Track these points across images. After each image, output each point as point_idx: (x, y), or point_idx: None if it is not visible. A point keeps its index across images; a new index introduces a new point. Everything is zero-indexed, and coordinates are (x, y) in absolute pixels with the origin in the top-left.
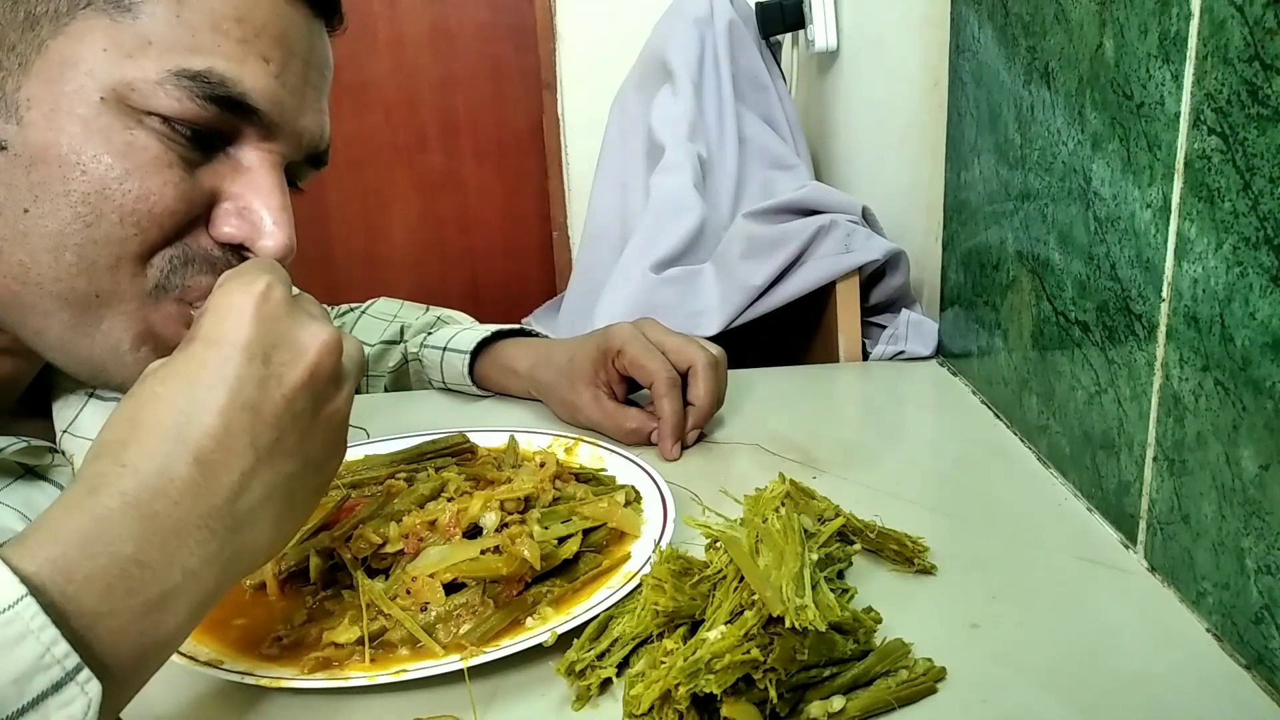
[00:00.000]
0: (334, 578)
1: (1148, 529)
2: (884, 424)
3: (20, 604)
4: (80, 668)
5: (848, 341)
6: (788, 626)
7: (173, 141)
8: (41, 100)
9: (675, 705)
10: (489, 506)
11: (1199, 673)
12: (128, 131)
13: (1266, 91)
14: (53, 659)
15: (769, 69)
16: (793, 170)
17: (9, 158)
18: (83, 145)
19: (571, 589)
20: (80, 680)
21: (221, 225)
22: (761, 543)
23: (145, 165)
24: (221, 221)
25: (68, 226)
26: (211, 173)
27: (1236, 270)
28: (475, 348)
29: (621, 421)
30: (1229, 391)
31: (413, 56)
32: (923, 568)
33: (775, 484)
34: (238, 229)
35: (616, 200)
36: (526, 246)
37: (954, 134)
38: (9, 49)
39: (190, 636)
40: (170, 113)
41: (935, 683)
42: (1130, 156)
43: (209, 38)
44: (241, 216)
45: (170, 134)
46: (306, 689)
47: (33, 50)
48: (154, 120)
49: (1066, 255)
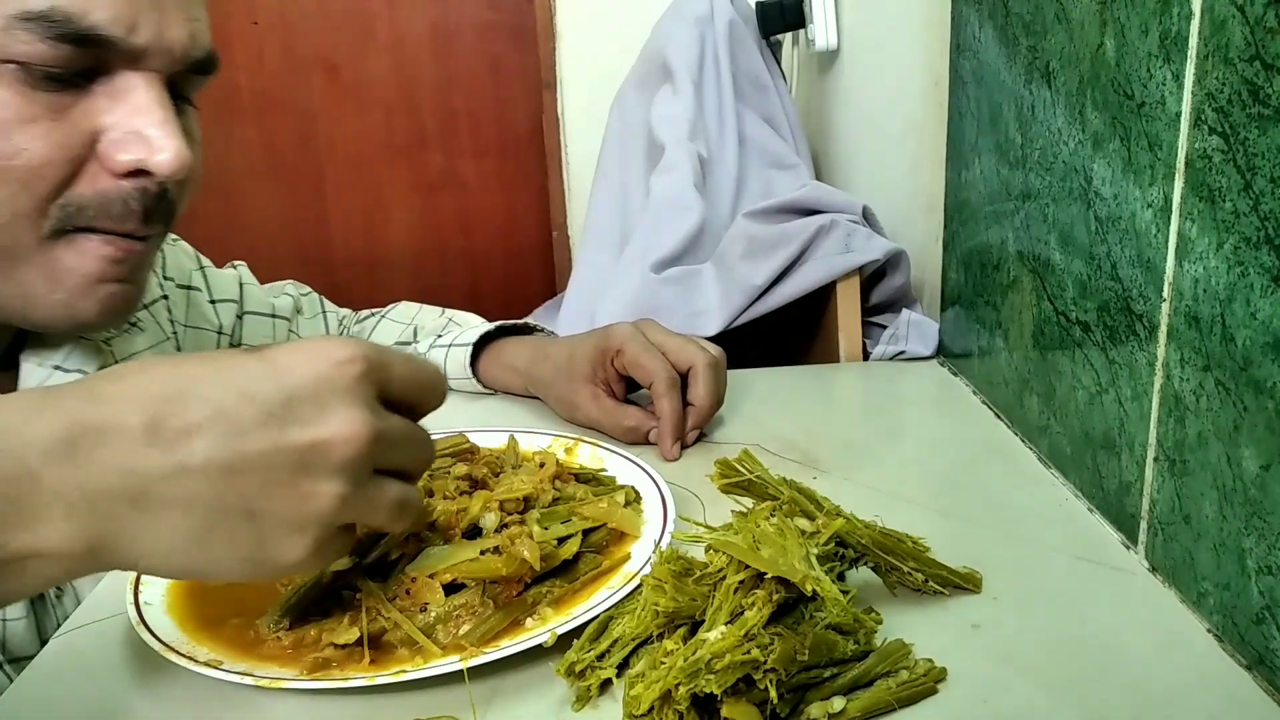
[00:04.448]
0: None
1: (1148, 529)
2: (884, 424)
3: None
4: None
5: (848, 341)
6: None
7: (34, 89)
8: None
9: (675, 706)
10: (489, 507)
11: (1200, 673)
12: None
13: (1267, 91)
14: None
15: (769, 69)
16: (793, 170)
17: None
18: None
19: (571, 589)
20: None
21: (114, 154)
22: (760, 542)
23: (10, 122)
24: (111, 151)
25: None
26: (87, 110)
27: (1237, 270)
28: (478, 343)
29: (620, 420)
30: (1230, 391)
31: (413, 56)
32: (970, 585)
33: (764, 505)
34: (128, 154)
35: (616, 200)
36: (526, 246)
37: (954, 134)
38: None
39: (189, 636)
40: (25, 58)
41: (936, 683)
42: (1131, 156)
43: None
44: (128, 142)
45: (30, 80)
46: (306, 689)
47: None
48: (11, 69)
49: (1067, 255)
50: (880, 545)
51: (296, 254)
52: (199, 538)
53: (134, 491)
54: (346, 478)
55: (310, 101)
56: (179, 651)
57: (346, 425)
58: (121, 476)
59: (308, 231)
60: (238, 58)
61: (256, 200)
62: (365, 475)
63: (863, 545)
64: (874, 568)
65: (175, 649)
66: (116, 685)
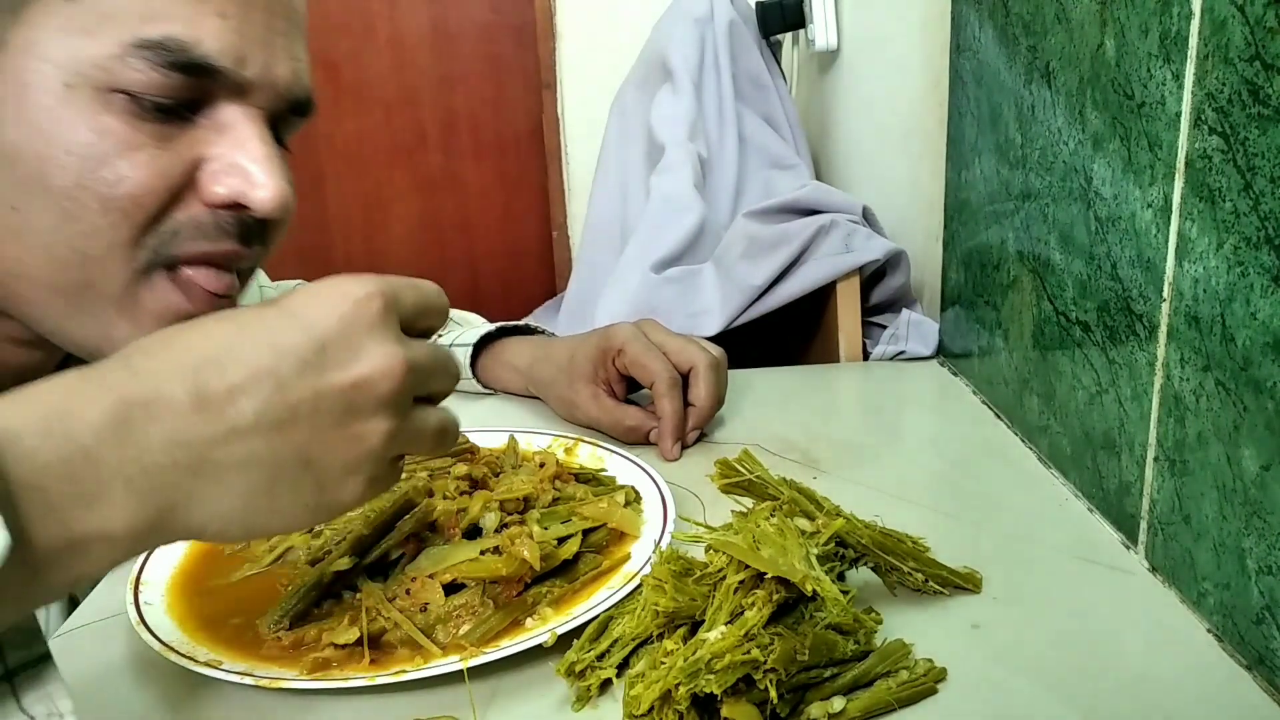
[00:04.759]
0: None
1: (1148, 529)
2: (884, 424)
3: None
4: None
5: (848, 341)
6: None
7: (141, 119)
8: (9, 97)
9: (675, 706)
10: (489, 507)
11: (1200, 673)
12: (95, 118)
13: (1267, 91)
14: None
15: (769, 69)
16: (793, 170)
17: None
18: (53, 138)
19: (571, 589)
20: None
21: (211, 186)
22: (760, 542)
23: (115, 150)
24: (209, 183)
25: (55, 222)
26: (191, 140)
27: (1237, 270)
28: (478, 343)
29: (620, 419)
30: (1230, 391)
31: (413, 56)
32: (970, 585)
33: (764, 505)
34: (227, 187)
35: (616, 200)
36: (526, 246)
37: (954, 134)
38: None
39: (189, 636)
40: (135, 87)
41: (935, 683)
42: (1131, 156)
43: (162, 4)
44: (229, 174)
45: (139, 111)
46: (306, 689)
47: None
48: (120, 99)
49: (1067, 255)
50: (880, 545)
51: (296, 254)
52: (263, 493)
53: (192, 461)
54: (391, 411)
55: None
56: (179, 651)
57: (382, 360)
58: (177, 448)
59: (307, 231)
60: None
61: None
62: (407, 405)
63: (863, 545)
64: (874, 568)
65: (175, 649)
66: (116, 685)
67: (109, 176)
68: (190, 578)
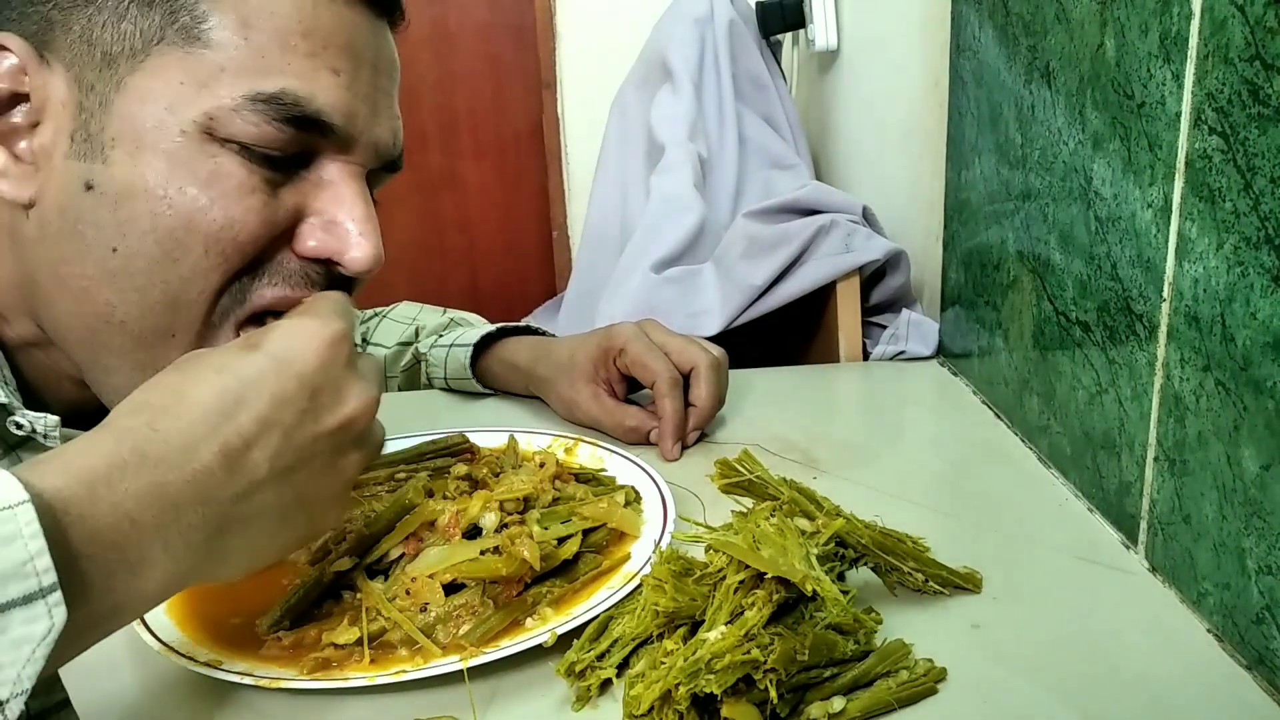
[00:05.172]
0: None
1: (1148, 529)
2: (884, 424)
3: (20, 508)
4: (55, 588)
5: (848, 341)
6: (807, 593)
7: (254, 166)
8: (125, 138)
9: (675, 706)
10: (489, 507)
11: (1200, 673)
12: (211, 160)
13: (1267, 91)
14: (33, 570)
15: (769, 69)
16: (793, 170)
17: (96, 197)
18: (168, 179)
19: (571, 589)
20: (50, 602)
21: (307, 240)
22: (760, 542)
23: (230, 193)
24: (307, 236)
25: (155, 264)
26: (294, 190)
27: (1237, 270)
28: (479, 343)
29: (621, 419)
30: (1230, 391)
31: (413, 56)
32: (970, 585)
33: (764, 505)
34: (323, 243)
35: (616, 200)
36: (526, 246)
37: (954, 134)
38: (88, 89)
39: (189, 636)
40: (249, 139)
41: (935, 683)
42: (1131, 156)
43: (278, 57)
44: (327, 230)
45: (249, 160)
46: (306, 689)
47: (112, 89)
48: (233, 148)
49: (1067, 255)
50: (880, 545)
51: None
52: (271, 536)
53: (219, 519)
54: (364, 440)
55: None
56: (179, 651)
57: (361, 397)
58: (206, 508)
59: None
60: None
61: None
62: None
63: (863, 545)
64: (874, 568)
65: (175, 649)
66: (116, 685)
67: (219, 218)
68: None
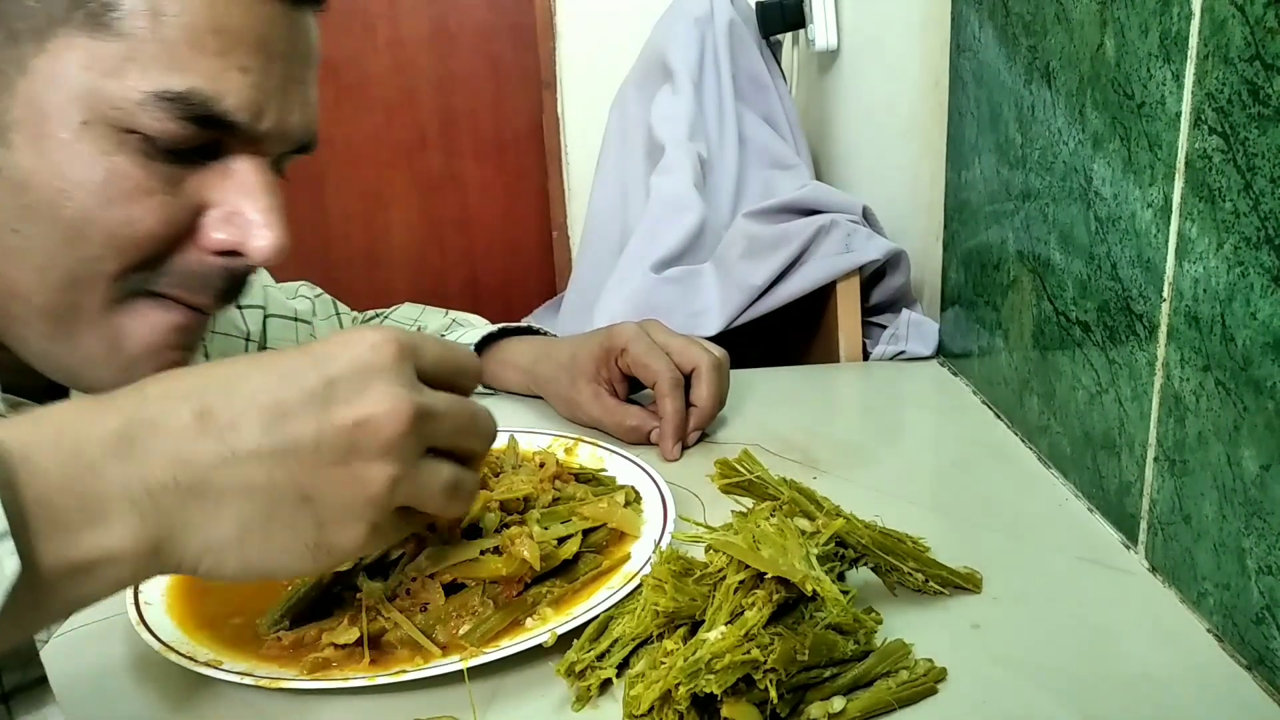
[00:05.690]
0: None
1: (1148, 529)
2: (884, 424)
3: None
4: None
5: (848, 341)
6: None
7: (155, 160)
8: (26, 123)
9: (675, 705)
10: (489, 507)
11: (1200, 673)
12: (108, 158)
13: (1267, 91)
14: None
15: (769, 68)
16: (793, 170)
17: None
18: (67, 172)
19: (571, 589)
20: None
21: (211, 233)
22: (760, 542)
23: (128, 192)
24: (210, 229)
25: (54, 248)
26: (198, 182)
27: (1237, 270)
28: (480, 344)
29: (622, 419)
30: (1230, 391)
31: (413, 56)
32: (970, 585)
33: (764, 505)
34: (227, 235)
35: (616, 200)
36: (526, 246)
37: (954, 134)
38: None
39: (189, 636)
40: (153, 133)
41: (936, 683)
42: (1131, 156)
43: (188, 54)
44: (230, 222)
45: (151, 152)
46: (306, 689)
47: (15, 69)
48: (135, 138)
49: (1067, 255)
50: (880, 545)
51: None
52: (260, 525)
53: (193, 481)
54: (396, 456)
55: None
56: (179, 651)
57: (389, 400)
58: (179, 467)
59: (307, 231)
60: None
61: None
62: (415, 453)
63: (863, 545)
64: (874, 568)
65: (175, 649)
66: (116, 685)
67: (119, 217)
68: (190, 578)
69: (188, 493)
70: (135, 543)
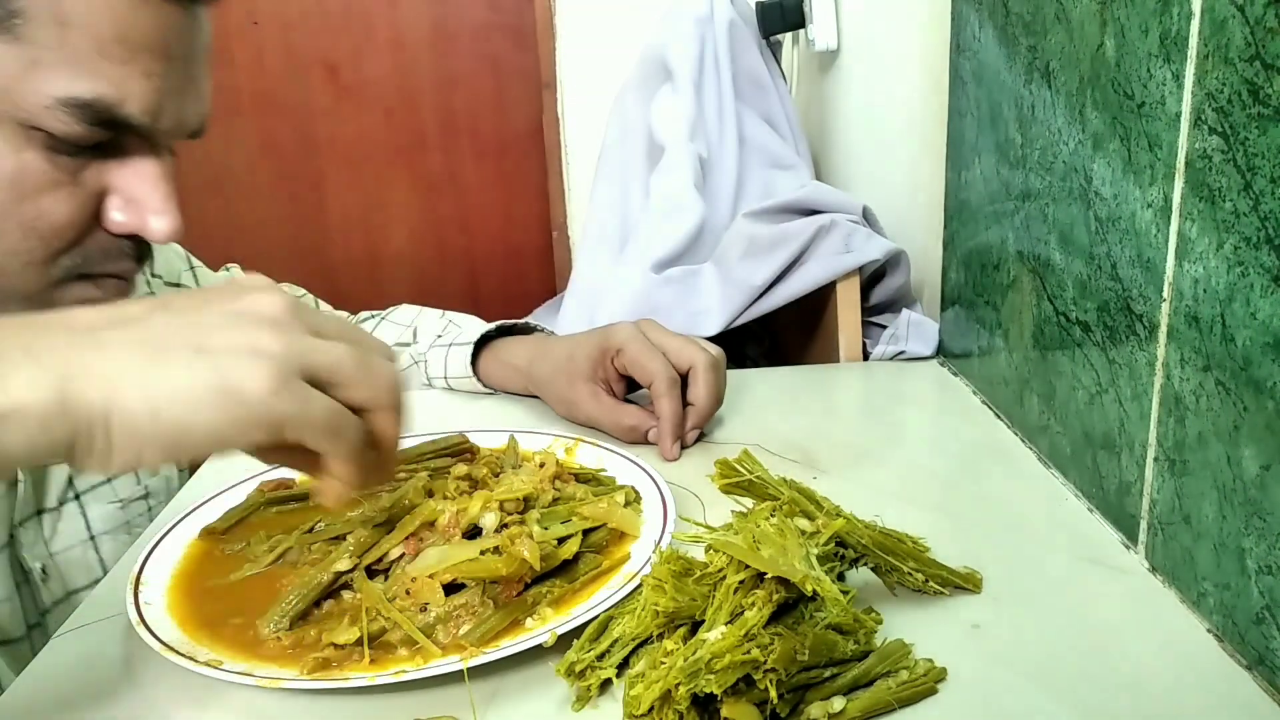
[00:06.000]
0: None
1: (1148, 529)
2: (884, 424)
3: None
4: None
5: (848, 341)
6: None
7: (59, 154)
8: None
9: (675, 705)
10: (488, 507)
11: (1199, 673)
12: (17, 155)
13: (1267, 91)
14: None
15: (769, 69)
16: (793, 170)
17: None
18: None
19: (571, 589)
20: None
21: (112, 214)
22: (760, 542)
23: (38, 188)
24: (112, 211)
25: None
26: (99, 171)
27: (1237, 270)
28: (478, 343)
29: (620, 418)
30: (1230, 391)
31: (413, 56)
32: (970, 586)
33: (764, 505)
34: (128, 218)
35: (616, 200)
36: (526, 247)
37: (954, 133)
38: None
39: (189, 636)
40: (58, 133)
41: (936, 683)
42: (1131, 156)
43: (93, 62)
44: (130, 207)
45: (57, 146)
46: (306, 689)
47: None
48: (41, 135)
49: (1067, 255)
50: (880, 545)
51: (296, 254)
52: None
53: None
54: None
55: (310, 101)
56: (179, 651)
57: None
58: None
59: (307, 232)
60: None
61: (256, 200)
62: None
63: (863, 545)
64: (874, 568)
65: (175, 649)
66: (116, 685)
67: (30, 210)
68: (190, 578)
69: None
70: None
